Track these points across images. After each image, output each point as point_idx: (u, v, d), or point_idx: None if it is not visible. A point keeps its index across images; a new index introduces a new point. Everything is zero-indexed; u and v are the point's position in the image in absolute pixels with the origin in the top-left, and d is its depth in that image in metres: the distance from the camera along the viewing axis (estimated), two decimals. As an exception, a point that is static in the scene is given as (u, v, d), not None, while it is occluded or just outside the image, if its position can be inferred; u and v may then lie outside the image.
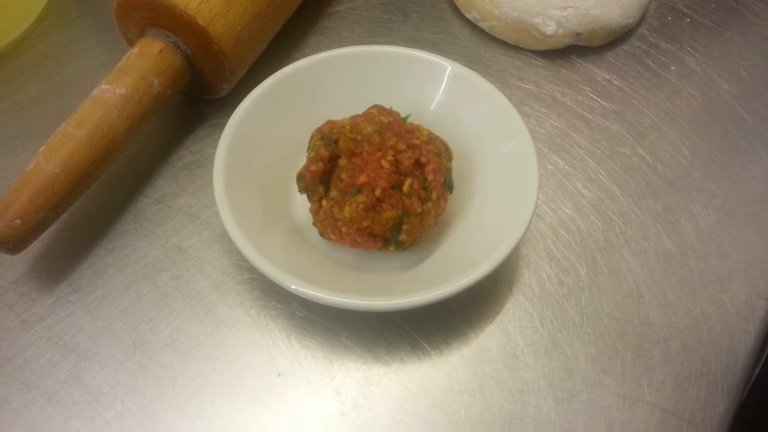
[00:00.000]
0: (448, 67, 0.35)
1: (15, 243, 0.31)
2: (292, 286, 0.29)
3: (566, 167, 0.38)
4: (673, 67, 0.43)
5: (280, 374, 0.31)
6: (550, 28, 0.41)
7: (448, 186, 0.33)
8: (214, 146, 0.33)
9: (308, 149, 0.32)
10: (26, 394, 0.31)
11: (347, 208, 0.30)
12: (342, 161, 0.31)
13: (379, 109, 0.33)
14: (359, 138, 0.31)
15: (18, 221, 0.31)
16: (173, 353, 0.32)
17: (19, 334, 0.32)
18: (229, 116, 0.34)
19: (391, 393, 0.31)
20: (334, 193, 0.31)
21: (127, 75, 0.35)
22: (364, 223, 0.30)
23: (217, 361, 0.31)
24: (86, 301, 0.33)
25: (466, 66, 0.36)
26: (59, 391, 0.31)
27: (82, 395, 0.31)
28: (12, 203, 0.31)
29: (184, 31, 0.36)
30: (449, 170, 0.33)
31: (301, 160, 0.32)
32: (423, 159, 0.31)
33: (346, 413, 0.30)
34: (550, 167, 0.38)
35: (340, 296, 0.29)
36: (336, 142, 0.31)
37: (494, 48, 0.43)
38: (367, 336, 0.32)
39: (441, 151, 0.32)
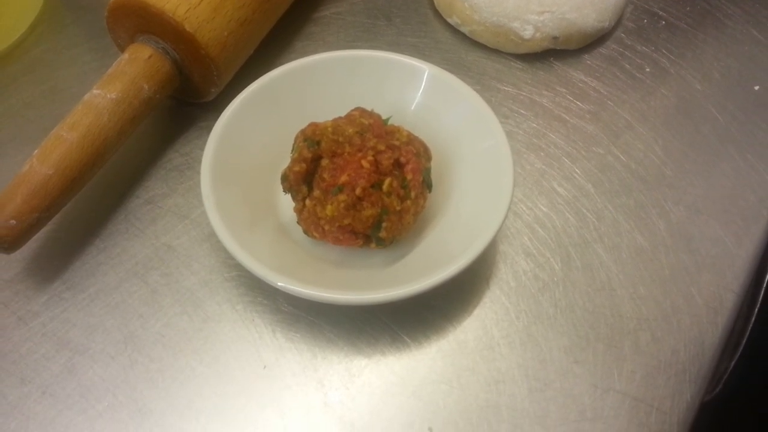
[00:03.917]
0: (426, 70, 0.37)
1: (10, 243, 0.32)
2: (279, 283, 0.30)
3: (543, 166, 0.39)
4: (648, 69, 0.44)
5: (265, 367, 0.32)
6: (528, 32, 0.42)
7: (427, 185, 0.34)
8: (203, 148, 0.34)
9: (292, 150, 0.34)
10: (22, 387, 0.32)
11: (329, 207, 0.32)
12: (324, 162, 0.32)
13: (361, 111, 0.35)
14: (341, 139, 0.32)
15: (13, 221, 0.32)
16: (162, 348, 0.33)
17: (14, 330, 0.33)
18: (217, 119, 0.35)
19: (372, 384, 0.32)
20: (316, 193, 0.32)
21: (117, 80, 0.36)
22: (346, 221, 0.32)
23: (204, 355, 0.33)
24: (79, 299, 0.34)
25: (446, 69, 0.37)
26: (53, 384, 0.32)
27: (75, 388, 0.32)
28: (7, 204, 0.32)
29: (172, 37, 0.37)
30: (428, 170, 0.34)
31: (286, 161, 0.34)
32: (402, 159, 0.32)
33: (328, 403, 0.31)
34: (528, 166, 0.39)
35: (324, 291, 0.30)
36: (318, 143, 0.32)
37: (475, 51, 0.45)
38: (349, 330, 0.33)
39: (420, 152, 0.34)
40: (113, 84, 0.36)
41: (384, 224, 0.32)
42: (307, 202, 0.32)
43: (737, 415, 0.48)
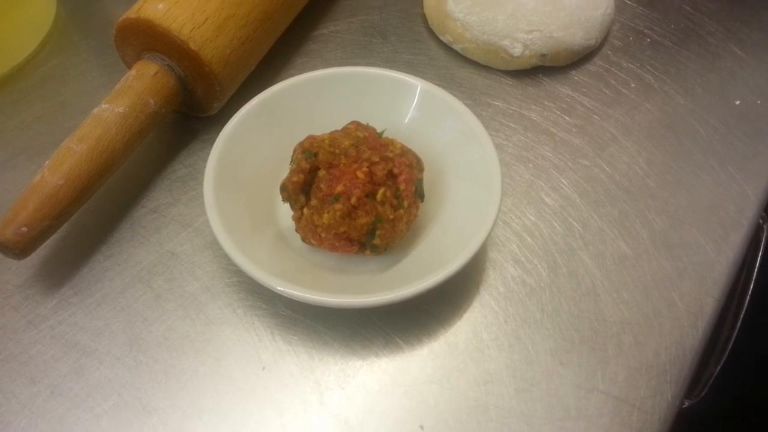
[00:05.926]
0: (419, 85, 0.39)
1: (21, 249, 0.34)
2: (278, 287, 0.32)
3: (531, 177, 0.41)
4: (632, 84, 0.46)
5: (264, 368, 0.34)
6: (517, 50, 0.44)
7: (419, 195, 0.36)
8: (206, 160, 0.35)
9: (291, 162, 0.35)
10: (31, 387, 0.33)
11: (325, 215, 0.33)
12: (321, 172, 0.34)
13: (357, 124, 0.36)
14: (337, 151, 0.34)
15: (24, 229, 0.34)
16: (166, 350, 0.34)
17: (24, 333, 0.35)
18: (219, 132, 0.37)
19: (366, 384, 0.33)
20: (314, 202, 0.34)
21: (124, 95, 0.38)
22: (341, 229, 0.33)
23: (206, 357, 0.34)
24: (86, 303, 0.36)
25: (439, 85, 0.39)
26: (61, 384, 0.33)
27: (83, 388, 0.33)
28: (19, 212, 0.34)
29: (177, 54, 0.39)
30: (420, 180, 0.36)
31: (285, 172, 0.35)
32: (395, 170, 0.34)
33: (325, 402, 0.33)
34: (517, 177, 0.41)
35: (321, 295, 0.32)
36: (316, 155, 0.34)
37: (466, 68, 0.47)
38: (345, 332, 0.35)
39: (413, 163, 0.35)
40: (121, 99, 0.38)
41: (378, 232, 0.33)
42: (305, 210, 0.34)
43: (722, 419, 0.50)
